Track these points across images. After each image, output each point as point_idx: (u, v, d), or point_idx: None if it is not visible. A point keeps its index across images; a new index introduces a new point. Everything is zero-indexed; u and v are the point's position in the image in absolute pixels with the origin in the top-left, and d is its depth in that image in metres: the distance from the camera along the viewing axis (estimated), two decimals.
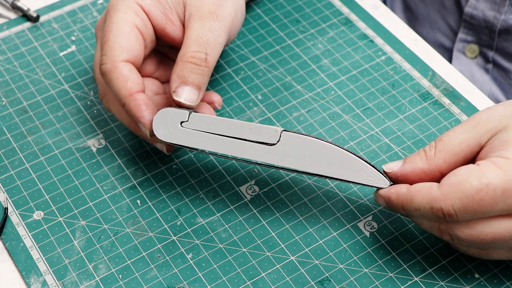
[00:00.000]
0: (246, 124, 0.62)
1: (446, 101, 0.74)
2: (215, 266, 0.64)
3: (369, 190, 0.68)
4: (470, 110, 0.73)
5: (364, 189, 0.68)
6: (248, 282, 0.63)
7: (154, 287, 0.63)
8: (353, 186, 0.68)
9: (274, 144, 0.62)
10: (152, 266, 0.64)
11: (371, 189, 0.67)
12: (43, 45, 0.80)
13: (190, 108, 0.64)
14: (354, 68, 0.77)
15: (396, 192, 0.60)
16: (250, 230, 0.66)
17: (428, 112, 0.73)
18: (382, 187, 0.61)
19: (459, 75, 0.77)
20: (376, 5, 0.83)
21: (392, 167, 0.61)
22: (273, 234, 0.66)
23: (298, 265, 0.64)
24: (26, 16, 0.83)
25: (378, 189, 0.61)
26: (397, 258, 0.64)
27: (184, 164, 0.71)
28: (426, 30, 0.92)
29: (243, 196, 0.68)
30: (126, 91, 0.64)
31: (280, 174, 0.70)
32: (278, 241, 0.65)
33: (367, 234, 0.66)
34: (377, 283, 0.63)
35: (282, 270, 0.64)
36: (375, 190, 0.62)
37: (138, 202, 0.68)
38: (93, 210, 0.68)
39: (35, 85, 0.77)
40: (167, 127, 0.63)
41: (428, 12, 0.91)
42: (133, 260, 0.65)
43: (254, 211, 0.67)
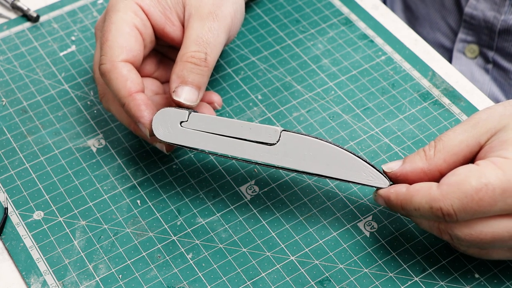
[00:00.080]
0: (246, 124, 0.62)
1: (446, 101, 0.74)
2: (215, 266, 0.64)
3: (369, 190, 0.68)
4: (470, 110, 0.73)
5: (364, 189, 0.68)
6: (248, 282, 0.63)
7: (154, 287, 0.63)
8: (353, 186, 0.68)
9: (273, 144, 0.61)
10: (152, 266, 0.64)
11: (371, 189, 0.67)
12: (43, 45, 0.80)
13: (189, 108, 0.64)
14: (354, 68, 0.77)
15: (395, 192, 0.60)
16: (250, 230, 0.66)
17: (428, 112, 0.73)
18: (381, 187, 0.61)
19: (459, 75, 0.77)
20: (376, 5, 0.83)
21: (391, 167, 0.61)
22: (273, 234, 0.66)
23: (298, 265, 0.64)
24: (26, 16, 0.83)
25: (377, 189, 0.61)
26: (397, 258, 0.64)
27: (184, 164, 0.71)
28: (426, 30, 0.92)
29: (243, 196, 0.68)
30: (126, 91, 0.64)
31: (280, 174, 0.70)
32: (278, 241, 0.65)
33: (367, 234, 0.66)
34: (377, 283, 0.63)
35: (282, 270, 0.64)
36: (375, 190, 0.62)
37: (138, 202, 0.68)
38: (93, 210, 0.68)
39: (35, 85, 0.77)
40: (167, 127, 0.63)
41: (428, 12, 0.91)
42: (133, 260, 0.65)
43: (254, 211, 0.67)
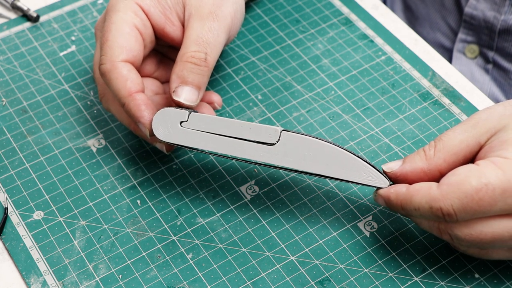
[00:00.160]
0: (246, 124, 0.62)
1: (446, 101, 0.74)
2: (215, 266, 0.64)
3: (369, 190, 0.68)
4: (470, 110, 0.73)
5: (364, 189, 0.68)
6: (248, 282, 0.63)
7: (154, 287, 0.63)
8: (353, 186, 0.68)
9: (273, 144, 0.61)
10: (152, 266, 0.64)
11: (371, 189, 0.67)
12: (43, 45, 0.80)
13: (189, 108, 0.64)
14: (354, 68, 0.77)
15: (395, 192, 0.59)
16: (250, 230, 0.66)
17: (428, 112, 0.73)
18: (381, 187, 0.61)
19: (459, 75, 0.77)
20: (376, 5, 0.83)
21: (391, 167, 0.61)
22: (273, 234, 0.66)
23: (298, 265, 0.64)
24: (26, 16, 0.83)
25: (377, 189, 0.61)
26: (397, 258, 0.64)
27: (184, 164, 0.71)
28: (426, 30, 0.92)
29: (243, 196, 0.68)
30: (126, 91, 0.64)
31: (280, 174, 0.70)
32: (278, 241, 0.65)
33: (367, 234, 0.66)
34: (377, 283, 0.63)
35: (282, 270, 0.64)
36: (375, 190, 0.62)
37: (138, 202, 0.68)
38: (93, 210, 0.68)
39: (35, 85, 0.77)
40: (167, 127, 0.63)
41: (428, 12, 0.91)
42: (133, 260, 0.65)
43: (254, 211, 0.67)
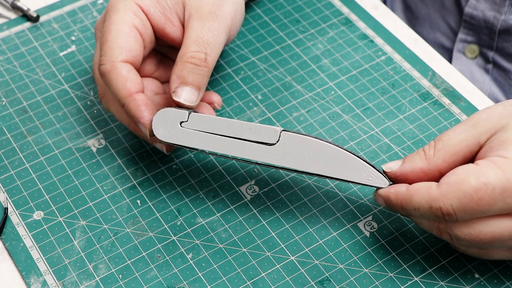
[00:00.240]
0: (246, 124, 0.62)
1: (446, 101, 0.74)
2: (215, 266, 0.64)
3: (369, 190, 0.68)
4: (470, 110, 0.73)
5: (364, 189, 0.68)
6: (248, 282, 0.63)
7: (154, 287, 0.63)
8: (353, 186, 0.68)
9: (273, 144, 0.61)
10: (152, 266, 0.64)
11: (371, 189, 0.67)
12: (43, 45, 0.80)
13: (189, 108, 0.64)
14: (354, 68, 0.77)
15: (395, 191, 0.59)
16: (250, 230, 0.66)
17: (428, 112, 0.73)
18: (381, 187, 0.61)
19: (459, 75, 0.76)
20: (376, 5, 0.83)
21: (391, 167, 0.61)
22: (273, 234, 0.66)
23: (298, 265, 0.64)
24: (26, 16, 0.83)
25: (377, 189, 0.61)
26: (397, 258, 0.64)
27: (184, 164, 0.71)
28: (426, 30, 0.92)
29: (243, 196, 0.68)
30: (125, 92, 0.64)
31: (280, 174, 0.70)
32: (278, 241, 0.65)
33: (367, 234, 0.66)
34: (377, 283, 0.63)
35: (282, 270, 0.64)
36: (375, 190, 0.62)
37: (138, 202, 0.68)
38: (93, 210, 0.68)
39: (35, 85, 0.77)
40: (167, 127, 0.63)
41: (428, 12, 0.91)
42: (133, 260, 0.65)
43: (254, 211, 0.67)
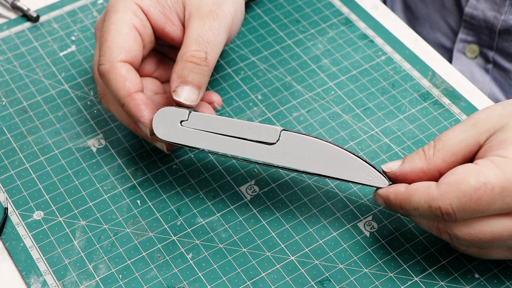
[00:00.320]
0: (246, 123, 0.62)
1: (446, 101, 0.74)
2: (215, 266, 0.64)
3: (369, 190, 0.68)
4: (470, 110, 0.73)
5: (364, 189, 0.68)
6: (248, 282, 0.63)
7: (154, 287, 0.63)
8: (353, 186, 0.68)
9: (273, 143, 0.61)
10: (152, 266, 0.64)
11: (371, 189, 0.67)
12: (43, 45, 0.80)
13: (190, 107, 0.64)
14: (354, 68, 0.77)
15: (394, 191, 0.59)
16: (250, 230, 0.66)
17: (428, 112, 0.73)
18: (381, 187, 0.61)
19: (459, 75, 0.76)
20: (376, 5, 0.83)
21: (391, 167, 0.61)
22: (273, 234, 0.66)
23: (298, 265, 0.64)
24: (26, 16, 0.83)
25: (377, 188, 0.61)
26: (397, 258, 0.64)
27: (184, 164, 0.71)
28: (426, 30, 0.92)
29: (243, 196, 0.68)
30: (125, 91, 0.64)
31: (280, 174, 0.70)
32: (278, 241, 0.65)
33: (367, 234, 0.66)
34: (377, 283, 0.63)
35: (282, 270, 0.64)
36: (374, 190, 0.61)
37: (138, 202, 0.68)
38: (93, 210, 0.68)
39: (35, 85, 0.77)
40: (167, 126, 0.63)
41: (428, 12, 0.91)
42: (133, 260, 0.65)
43: (254, 211, 0.67)
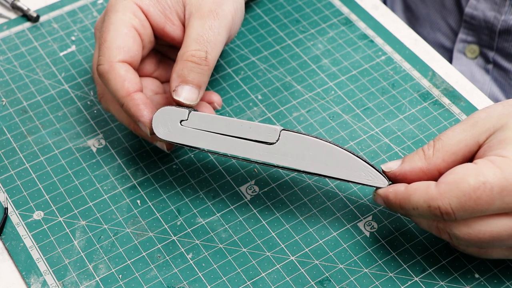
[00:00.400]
0: (246, 123, 0.62)
1: (446, 101, 0.74)
2: (215, 266, 0.64)
3: (369, 190, 0.68)
4: (470, 110, 0.73)
5: (364, 189, 0.68)
6: (248, 282, 0.63)
7: (154, 287, 0.63)
8: (353, 186, 0.68)
9: (273, 143, 0.61)
10: (152, 266, 0.64)
11: (371, 189, 0.67)
12: (43, 45, 0.80)
13: (190, 107, 0.64)
14: (354, 68, 0.77)
15: (394, 191, 0.59)
16: (250, 230, 0.66)
17: (428, 112, 0.73)
18: (380, 187, 0.61)
19: (459, 75, 0.76)
20: (376, 5, 0.83)
21: (390, 167, 0.61)
22: (273, 234, 0.66)
23: (298, 265, 0.64)
24: (26, 16, 0.83)
25: (377, 188, 0.61)
26: (397, 258, 0.64)
27: (184, 164, 0.71)
28: (427, 30, 0.92)
29: (243, 196, 0.68)
30: (124, 91, 0.64)
31: (280, 174, 0.70)
32: (278, 241, 0.65)
33: (367, 234, 0.66)
34: (377, 283, 0.63)
35: (282, 270, 0.64)
36: (374, 190, 0.61)
37: (138, 202, 0.68)
38: (93, 210, 0.68)
39: (35, 85, 0.77)
40: (167, 126, 0.63)
41: (428, 12, 0.91)
42: (133, 260, 0.65)
43: (254, 211, 0.67)
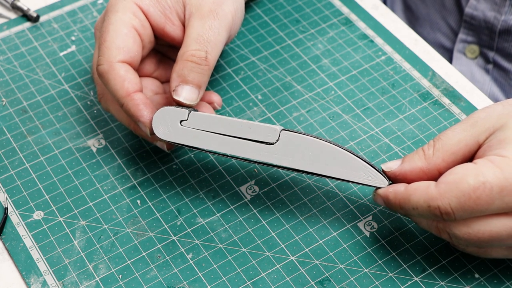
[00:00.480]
0: (246, 123, 0.62)
1: (446, 101, 0.74)
2: (215, 266, 0.64)
3: (369, 190, 0.68)
4: (470, 110, 0.73)
5: (364, 189, 0.68)
6: (248, 282, 0.63)
7: (154, 287, 0.63)
8: (353, 186, 0.68)
9: (273, 143, 0.61)
10: (152, 266, 0.64)
11: (371, 189, 0.67)
12: (43, 45, 0.81)
13: (190, 107, 0.64)
14: (354, 68, 0.77)
15: (394, 191, 0.59)
16: (250, 230, 0.66)
17: (428, 112, 0.73)
18: (380, 187, 0.61)
19: (459, 75, 0.76)
20: (376, 5, 0.83)
21: (390, 166, 0.61)
22: (273, 234, 0.66)
23: (298, 265, 0.64)
24: (26, 16, 0.83)
25: (376, 188, 0.61)
26: (397, 258, 0.64)
27: (184, 164, 0.71)
28: (427, 30, 0.92)
29: (243, 196, 0.68)
30: (124, 92, 0.64)
31: (280, 174, 0.70)
32: (278, 241, 0.65)
33: (367, 234, 0.66)
34: (377, 283, 0.63)
35: (282, 270, 0.64)
36: (374, 190, 0.61)
37: (138, 202, 0.68)
38: (93, 210, 0.68)
39: (35, 85, 0.77)
40: (167, 126, 0.63)
41: (428, 12, 0.91)
42: (133, 260, 0.65)
43: (254, 211, 0.67)
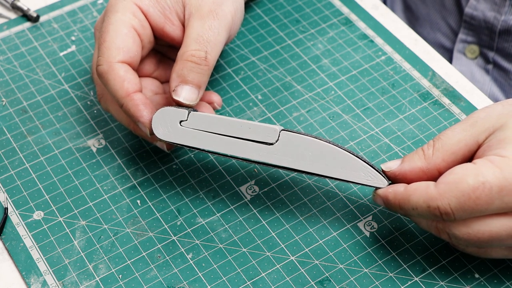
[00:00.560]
0: (245, 123, 0.62)
1: (446, 101, 0.74)
2: (215, 266, 0.64)
3: (369, 190, 0.68)
4: (470, 110, 0.73)
5: (364, 189, 0.68)
6: (248, 282, 0.63)
7: (154, 287, 0.63)
8: (353, 186, 0.68)
9: (273, 143, 0.61)
10: (152, 266, 0.64)
11: (371, 189, 0.67)
12: (43, 45, 0.81)
13: (189, 107, 0.64)
14: (354, 68, 0.77)
15: (393, 191, 0.59)
16: (250, 230, 0.66)
17: (428, 112, 0.73)
18: (380, 187, 0.61)
19: (459, 75, 0.76)
20: (376, 5, 0.83)
21: (390, 166, 0.61)
22: (273, 234, 0.66)
23: (298, 265, 0.64)
24: (26, 16, 0.83)
25: (376, 188, 0.61)
26: (397, 258, 0.64)
27: (184, 164, 0.71)
28: (427, 30, 0.92)
29: (243, 196, 0.68)
30: (123, 92, 0.64)
31: (280, 174, 0.70)
32: (278, 241, 0.65)
33: (367, 234, 0.66)
34: (377, 283, 0.63)
35: (282, 270, 0.64)
36: (374, 190, 0.61)
37: (138, 202, 0.68)
38: (93, 210, 0.68)
39: (35, 85, 0.77)
40: (167, 126, 0.63)
41: (428, 12, 0.91)
42: (133, 260, 0.65)
43: (254, 211, 0.67)
